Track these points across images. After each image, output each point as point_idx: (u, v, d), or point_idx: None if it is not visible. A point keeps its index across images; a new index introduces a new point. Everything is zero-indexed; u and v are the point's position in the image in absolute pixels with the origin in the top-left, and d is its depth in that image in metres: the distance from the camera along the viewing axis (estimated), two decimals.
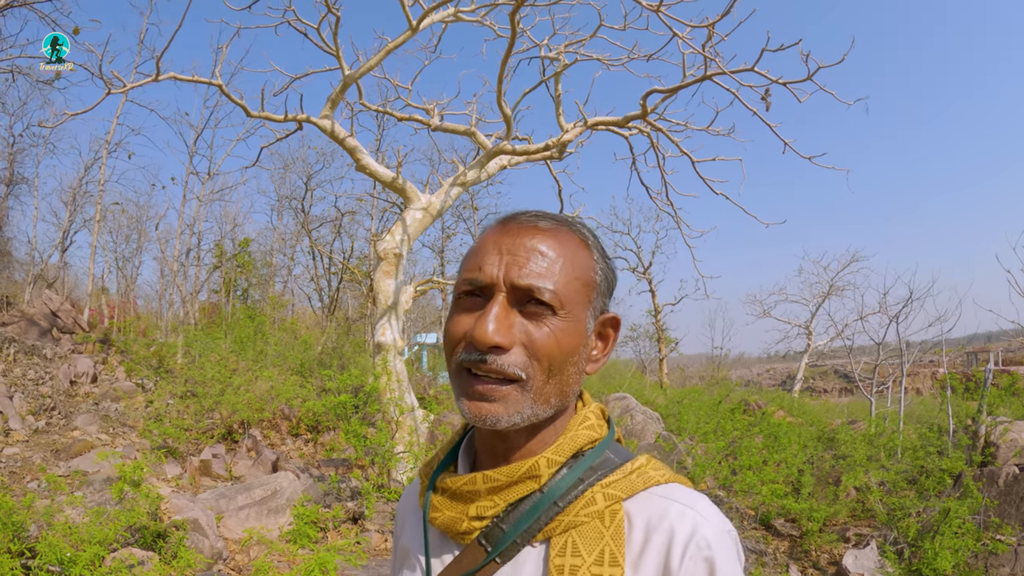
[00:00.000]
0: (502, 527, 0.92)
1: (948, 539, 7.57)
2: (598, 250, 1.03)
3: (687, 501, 0.91)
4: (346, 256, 25.67)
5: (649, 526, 0.90)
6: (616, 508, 0.91)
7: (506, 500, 0.93)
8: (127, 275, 24.02)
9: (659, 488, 0.93)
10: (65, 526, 5.44)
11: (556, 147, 11.93)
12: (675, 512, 0.90)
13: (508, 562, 0.91)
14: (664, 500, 0.92)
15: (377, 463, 9.43)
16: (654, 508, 0.91)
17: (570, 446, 0.95)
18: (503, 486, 0.94)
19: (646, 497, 0.92)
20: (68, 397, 10.89)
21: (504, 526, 0.92)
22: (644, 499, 0.92)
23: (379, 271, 11.33)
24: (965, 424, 11.33)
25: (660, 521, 0.89)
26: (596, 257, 1.02)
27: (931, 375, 29.77)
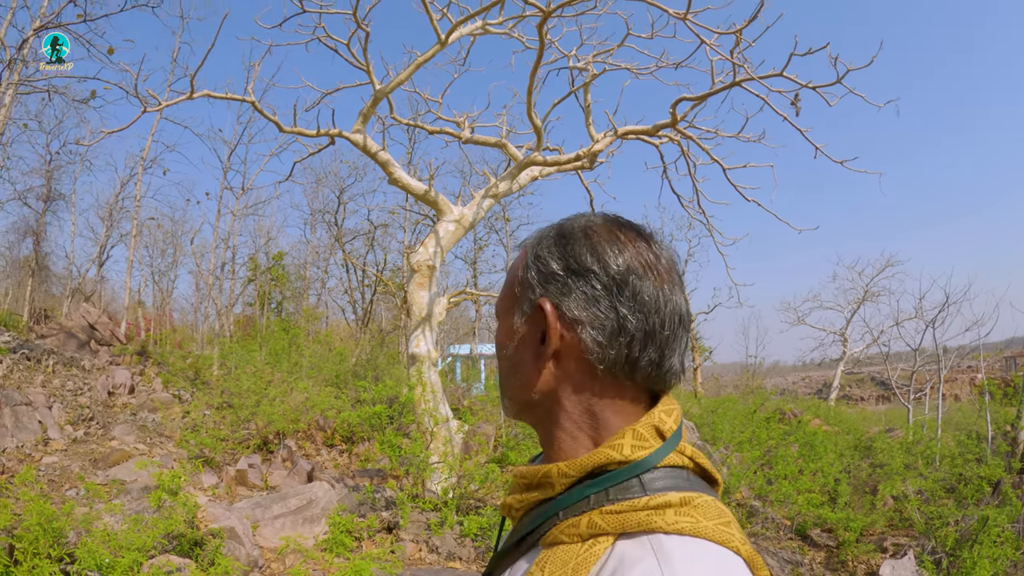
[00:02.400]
0: (523, 524, 0.94)
1: (987, 548, 7.43)
2: (535, 247, 0.99)
3: (668, 560, 0.77)
4: (379, 268, 25.89)
5: (615, 572, 0.80)
6: (599, 539, 0.83)
7: (529, 500, 0.94)
8: (163, 288, 24.50)
9: (658, 537, 0.80)
10: (104, 533, 5.55)
11: (587, 157, 11.95)
12: (639, 569, 0.78)
13: (520, 559, 0.93)
14: (646, 551, 0.79)
15: (412, 473, 9.48)
16: (631, 555, 0.80)
17: (586, 462, 0.88)
18: (525, 486, 0.95)
19: (640, 541, 0.81)
20: (106, 408, 11.12)
21: (523, 524, 0.94)
22: (637, 543, 0.81)
23: (413, 283, 11.41)
24: (1004, 430, 11.10)
25: (622, 572, 0.79)
26: (529, 255, 0.99)
27: (969, 381, 29.22)
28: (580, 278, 0.92)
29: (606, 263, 0.91)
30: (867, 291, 32.55)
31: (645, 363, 0.89)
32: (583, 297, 0.91)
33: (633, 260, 0.91)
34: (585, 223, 0.97)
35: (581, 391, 0.93)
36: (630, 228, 0.97)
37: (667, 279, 0.93)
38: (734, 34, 9.20)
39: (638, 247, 0.93)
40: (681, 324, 0.93)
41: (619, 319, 0.89)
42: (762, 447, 11.74)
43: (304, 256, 26.28)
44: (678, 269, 0.97)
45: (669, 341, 0.90)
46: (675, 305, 0.92)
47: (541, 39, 9.42)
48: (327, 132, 10.93)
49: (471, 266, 28.96)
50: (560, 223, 1.00)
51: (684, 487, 0.85)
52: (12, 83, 13.75)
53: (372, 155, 11.46)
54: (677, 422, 0.91)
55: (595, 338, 0.89)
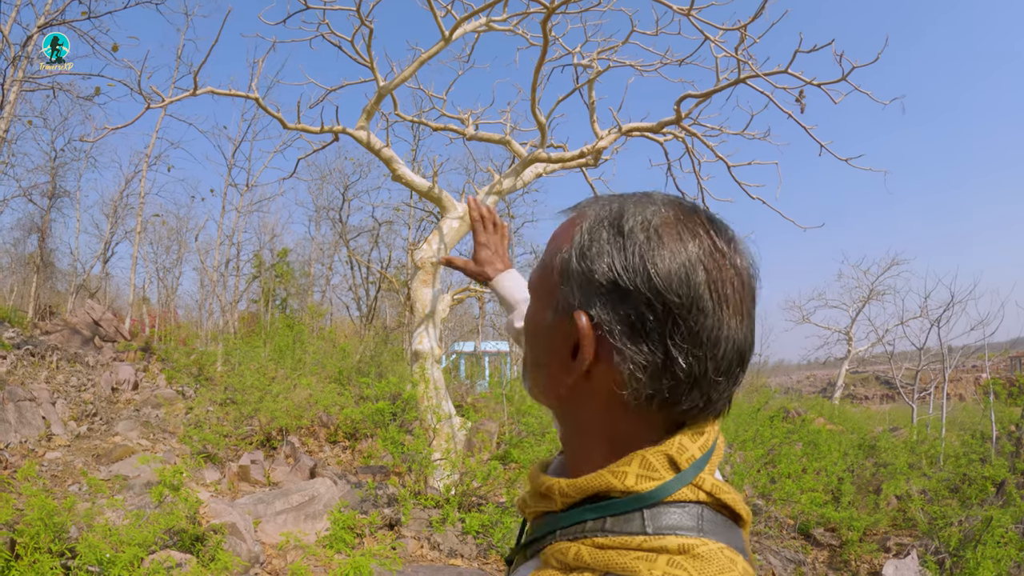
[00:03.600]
0: (533, 528, 0.90)
1: (990, 549, 7.40)
2: (584, 237, 0.81)
3: None
4: (384, 266, 25.92)
5: None
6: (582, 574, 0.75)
7: (536, 508, 0.87)
8: (168, 285, 24.55)
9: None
10: (105, 528, 5.56)
11: (591, 154, 11.93)
12: None
13: (525, 563, 0.89)
14: None
15: (414, 470, 9.49)
16: None
17: (586, 485, 0.79)
18: (533, 495, 0.88)
19: None
20: (109, 403, 11.15)
21: (532, 528, 0.90)
22: None
23: (416, 280, 11.41)
24: (1009, 430, 11.07)
25: None
26: (575, 246, 0.82)
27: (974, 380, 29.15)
28: (629, 301, 0.76)
29: (667, 287, 0.74)
30: (872, 290, 32.47)
31: (686, 407, 0.78)
32: (628, 325, 0.76)
33: (702, 286, 0.75)
34: (652, 219, 0.78)
35: (605, 414, 0.82)
36: (708, 231, 0.79)
37: (737, 307, 0.77)
38: (739, 30, 9.16)
39: (713, 262, 0.76)
40: (740, 363, 0.79)
41: (667, 359, 0.75)
42: (765, 445, 11.71)
43: (309, 253, 26.39)
44: (754, 287, 0.81)
45: (719, 385, 0.77)
46: (738, 342, 0.77)
47: (545, 36, 9.40)
48: (331, 129, 10.93)
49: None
50: (621, 207, 0.82)
51: (691, 529, 0.74)
52: (17, 80, 13.78)
53: (376, 152, 11.45)
54: (704, 448, 0.79)
55: (633, 373, 0.76)
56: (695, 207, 0.82)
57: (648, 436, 0.80)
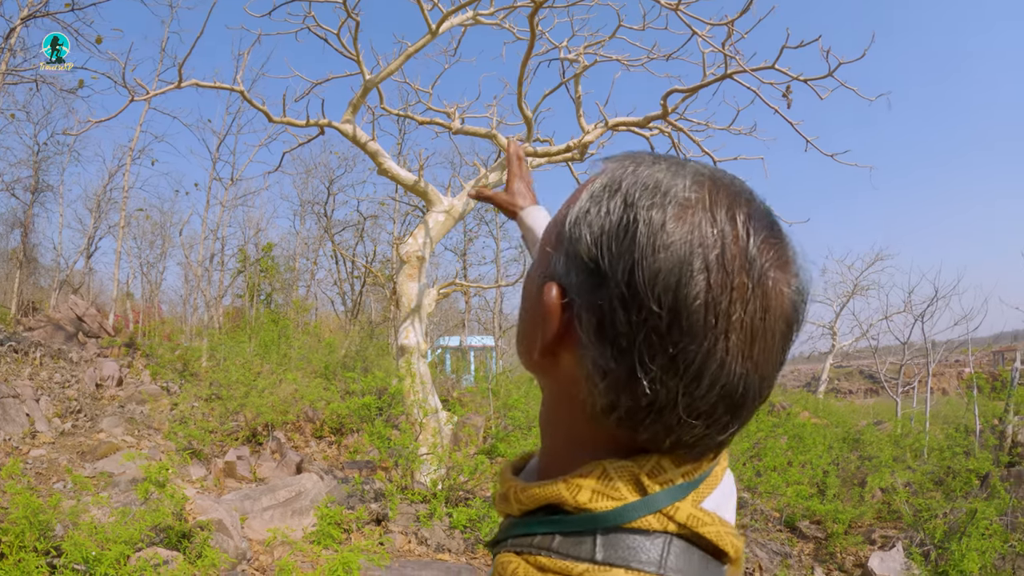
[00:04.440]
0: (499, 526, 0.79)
1: (975, 540, 7.48)
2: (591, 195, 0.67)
3: None
4: (369, 260, 25.86)
5: None
6: None
7: (501, 509, 0.77)
8: (151, 280, 24.38)
9: None
10: (91, 525, 5.52)
11: (577, 148, 11.92)
12: None
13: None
14: None
15: (401, 465, 9.47)
16: None
17: (539, 495, 0.68)
18: (499, 495, 0.78)
19: None
20: (94, 400, 11.06)
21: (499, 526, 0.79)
22: None
23: (402, 274, 11.38)
24: (992, 424, 11.19)
25: None
26: (585, 191, 0.68)
27: (957, 375, 29.45)
28: (604, 290, 0.61)
29: (649, 289, 0.59)
30: (856, 285, 32.66)
31: (645, 438, 0.64)
32: (598, 317, 0.62)
33: (695, 300, 0.58)
34: (668, 196, 0.61)
35: (565, 405, 0.70)
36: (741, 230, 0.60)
37: (745, 342, 0.60)
38: (726, 26, 9.17)
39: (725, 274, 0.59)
40: (731, 411, 0.62)
41: (629, 375, 0.61)
42: (751, 439, 11.78)
43: (293, 247, 26.28)
44: (788, 325, 0.63)
45: (692, 428, 0.62)
46: (731, 385, 0.61)
47: (532, 30, 9.38)
48: (317, 122, 10.87)
49: (461, 257, 28.96)
50: (641, 171, 0.65)
51: (650, 563, 0.61)
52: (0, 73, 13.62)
53: (362, 145, 11.40)
54: (689, 476, 0.66)
55: (590, 375, 0.64)
56: (740, 194, 0.63)
57: (610, 449, 0.67)
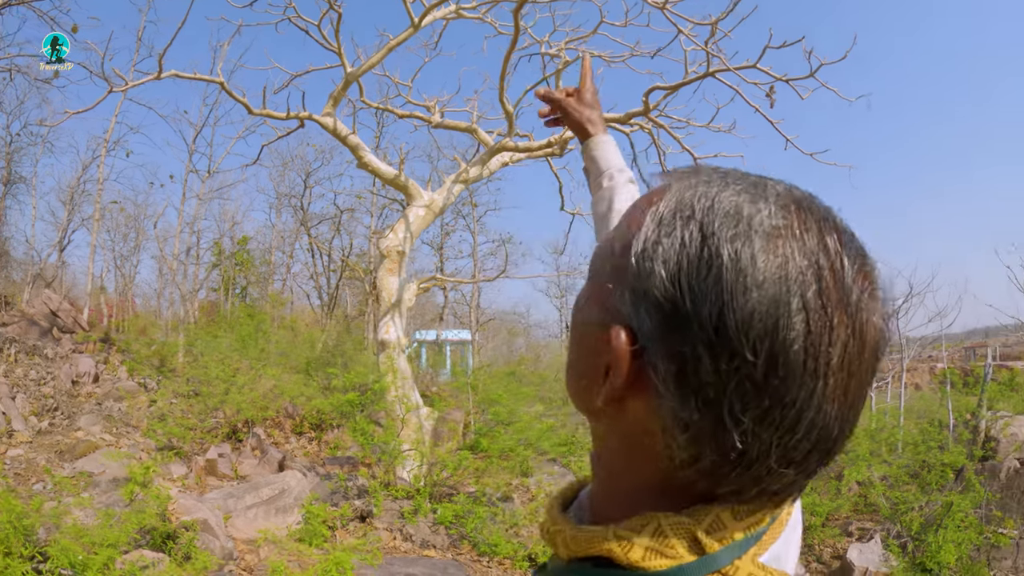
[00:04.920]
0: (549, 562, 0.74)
1: (951, 532, 7.65)
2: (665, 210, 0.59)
3: None
4: (345, 253, 25.69)
5: None
6: None
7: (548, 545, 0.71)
8: (125, 274, 23.98)
9: None
10: (76, 528, 5.44)
11: (558, 144, 11.95)
12: None
13: None
14: None
15: (384, 461, 9.46)
16: None
17: (588, 546, 0.62)
18: (545, 531, 0.72)
19: None
20: (70, 397, 10.88)
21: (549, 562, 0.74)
22: None
23: (382, 268, 11.35)
24: (965, 419, 11.42)
25: None
26: (649, 216, 0.60)
27: (929, 370, 29.98)
28: (687, 334, 0.54)
29: (743, 334, 0.52)
30: None
31: (729, 491, 0.58)
32: (679, 364, 0.55)
33: (795, 345, 0.52)
34: (754, 225, 0.55)
35: (629, 455, 0.64)
36: (836, 261, 0.54)
37: (841, 385, 0.54)
38: (710, 25, 9.23)
39: (824, 314, 0.53)
40: (823, 456, 0.57)
41: (717, 427, 0.54)
42: None
43: (269, 241, 25.99)
44: (879, 359, 0.57)
45: (782, 477, 0.57)
46: (827, 430, 0.55)
47: (516, 25, 9.35)
48: (297, 115, 10.77)
49: (437, 251, 28.87)
50: (717, 194, 0.58)
51: None
52: None
53: (342, 139, 11.32)
54: (751, 528, 0.60)
55: (668, 427, 0.57)
56: (827, 218, 0.57)
57: (672, 498, 0.61)
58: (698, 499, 0.60)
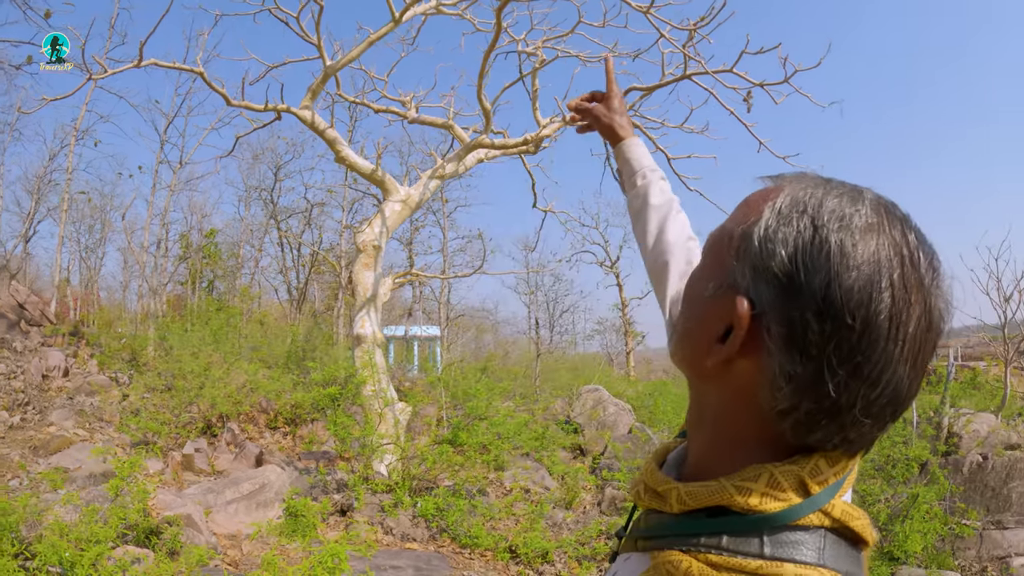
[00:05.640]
0: (644, 519, 0.86)
1: (917, 523, 7.92)
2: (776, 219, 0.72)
3: None
4: (315, 247, 25.51)
5: None
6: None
7: (651, 504, 0.83)
8: (91, 266, 23.48)
9: None
10: (60, 525, 5.38)
11: (533, 142, 12.03)
12: None
13: (636, 553, 0.85)
14: None
15: (364, 455, 9.48)
16: None
17: (707, 498, 0.73)
18: (648, 490, 0.83)
19: None
20: (41, 392, 10.70)
21: (644, 520, 0.86)
22: None
23: (358, 263, 11.32)
24: (929, 416, 11.77)
25: None
26: (768, 209, 0.74)
27: None
28: (799, 303, 0.67)
29: (844, 303, 0.66)
30: None
31: (818, 437, 0.71)
32: (789, 327, 0.68)
33: (883, 314, 0.66)
34: (855, 220, 0.69)
35: (735, 411, 0.76)
36: (913, 255, 0.69)
37: (913, 351, 0.68)
38: (689, 30, 9.39)
39: (905, 292, 0.67)
40: (893, 413, 0.70)
41: (816, 379, 0.68)
42: None
43: (238, 234, 25.64)
44: (940, 336, 0.71)
45: (862, 427, 0.70)
46: (899, 389, 0.68)
47: (498, 23, 9.40)
48: (275, 107, 10.68)
49: (407, 246, 28.78)
50: (825, 196, 0.72)
51: (811, 558, 0.69)
52: None
53: (320, 132, 11.26)
54: (839, 474, 0.73)
55: (776, 380, 0.69)
56: (907, 220, 0.72)
57: (770, 450, 0.74)
58: (793, 452, 0.73)
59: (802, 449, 0.73)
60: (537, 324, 27.50)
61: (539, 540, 7.62)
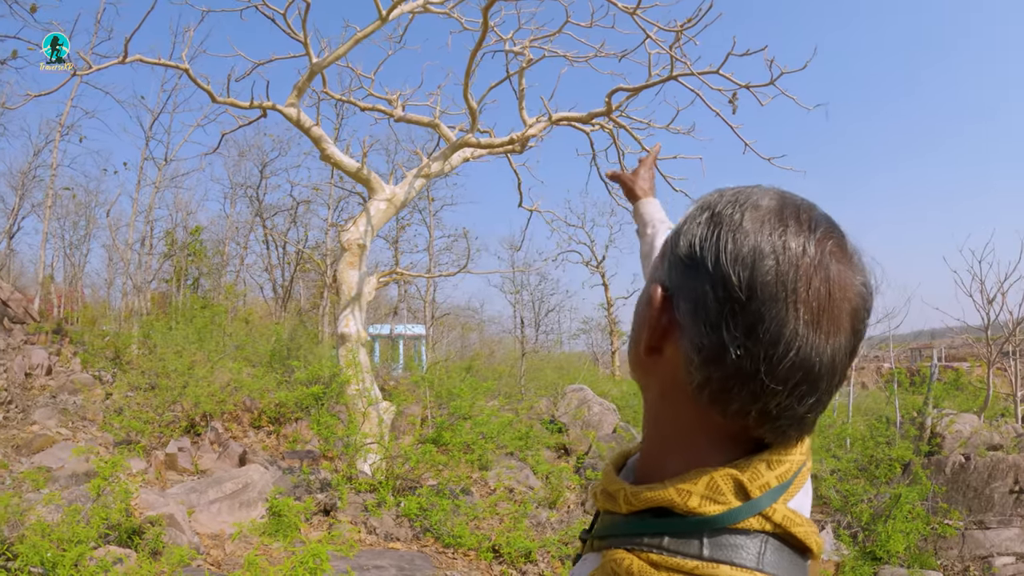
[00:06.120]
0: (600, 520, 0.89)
1: (900, 523, 7.99)
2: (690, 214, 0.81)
3: None
4: (301, 245, 25.40)
5: None
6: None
7: (604, 505, 0.86)
8: (75, 263, 23.26)
9: None
10: (42, 525, 5.34)
11: (519, 141, 12.03)
12: None
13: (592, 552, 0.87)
14: None
15: (348, 455, 9.45)
16: None
17: (651, 498, 0.76)
18: (603, 492, 0.87)
19: None
20: (24, 390, 10.59)
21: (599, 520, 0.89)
22: None
23: (343, 261, 11.29)
24: (912, 416, 11.87)
25: None
26: (682, 219, 0.82)
27: (876, 369, 30.87)
28: (698, 278, 0.74)
29: (731, 269, 0.71)
30: None
31: (735, 409, 0.74)
32: (693, 302, 0.74)
33: (767, 276, 0.70)
34: (747, 204, 0.76)
35: (673, 398, 0.80)
36: (803, 230, 0.73)
37: (814, 316, 0.70)
38: (675, 31, 9.41)
39: (790, 258, 0.71)
40: (808, 380, 0.71)
41: (719, 346, 0.72)
42: None
43: (223, 231, 25.46)
44: (850, 306, 0.73)
45: (776, 395, 0.71)
46: (804, 353, 0.70)
47: (485, 22, 9.40)
48: (260, 104, 10.64)
49: (392, 245, 28.70)
50: (731, 192, 0.79)
51: (749, 562, 0.70)
52: None
53: (305, 130, 11.22)
54: (783, 478, 0.75)
55: (688, 355, 0.74)
56: (807, 208, 0.76)
57: (718, 439, 0.77)
58: (737, 449, 0.77)
59: (751, 449, 0.77)
60: (522, 323, 27.46)
61: (522, 539, 7.63)
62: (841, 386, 0.78)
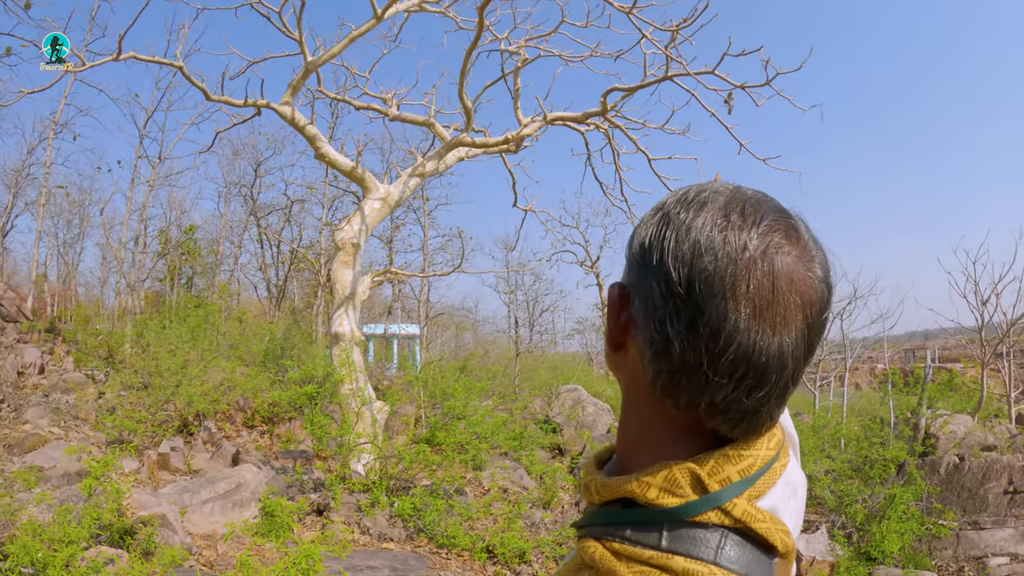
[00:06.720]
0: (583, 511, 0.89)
1: (894, 523, 7.99)
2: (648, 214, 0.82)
3: None
4: (295, 244, 25.33)
5: None
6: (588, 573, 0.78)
7: (584, 498, 0.87)
8: (68, 261, 23.14)
9: None
10: (33, 525, 5.31)
11: (514, 141, 12.01)
12: None
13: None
14: None
15: (341, 455, 9.42)
16: None
17: (615, 490, 0.79)
18: (582, 485, 0.88)
19: None
20: (16, 389, 10.53)
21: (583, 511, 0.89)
22: None
23: (337, 261, 11.26)
24: (906, 417, 11.88)
25: None
26: (638, 222, 0.84)
27: (870, 370, 30.91)
28: (647, 275, 0.76)
29: (672, 266, 0.73)
30: None
31: (685, 402, 0.74)
32: (643, 298, 0.76)
33: (705, 272, 0.71)
34: (694, 201, 0.77)
35: (636, 392, 0.82)
36: (748, 226, 0.73)
37: (757, 311, 0.70)
38: (671, 31, 9.40)
39: (729, 254, 0.71)
40: (753, 374, 0.71)
41: (666, 340, 0.73)
42: None
43: (217, 230, 25.36)
44: (797, 301, 0.72)
45: (721, 388, 0.72)
46: (746, 346, 0.70)
47: (481, 21, 9.39)
48: (255, 103, 10.61)
49: (387, 245, 28.63)
50: (682, 189, 0.81)
51: (706, 555, 0.71)
52: None
53: (300, 129, 11.19)
54: (744, 473, 0.74)
55: (643, 350, 0.76)
56: (755, 202, 0.76)
57: (677, 432, 0.78)
58: (699, 443, 0.77)
59: (713, 443, 0.77)
60: (517, 323, 27.39)
61: (517, 540, 7.61)
62: (799, 379, 0.77)
